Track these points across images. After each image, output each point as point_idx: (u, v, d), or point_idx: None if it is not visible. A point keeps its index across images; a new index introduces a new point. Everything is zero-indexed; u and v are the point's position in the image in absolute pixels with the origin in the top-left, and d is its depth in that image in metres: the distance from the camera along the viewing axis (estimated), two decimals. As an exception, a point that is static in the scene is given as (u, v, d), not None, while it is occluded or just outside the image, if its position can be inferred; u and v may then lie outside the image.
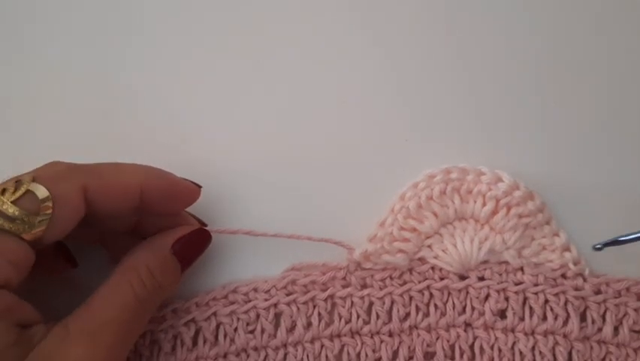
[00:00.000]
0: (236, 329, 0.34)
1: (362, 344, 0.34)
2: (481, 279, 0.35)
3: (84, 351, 0.27)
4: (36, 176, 0.28)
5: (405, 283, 0.35)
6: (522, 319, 0.34)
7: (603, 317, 0.34)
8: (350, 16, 0.38)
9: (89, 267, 0.33)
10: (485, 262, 0.35)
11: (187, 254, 0.33)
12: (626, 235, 0.33)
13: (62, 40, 0.38)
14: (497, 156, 0.36)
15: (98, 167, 0.31)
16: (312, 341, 0.34)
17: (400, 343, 0.34)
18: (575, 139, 0.37)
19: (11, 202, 0.27)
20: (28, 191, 0.28)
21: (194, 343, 0.34)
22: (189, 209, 0.34)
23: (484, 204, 0.34)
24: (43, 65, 0.38)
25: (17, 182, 0.28)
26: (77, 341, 0.28)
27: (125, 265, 0.31)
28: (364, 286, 0.34)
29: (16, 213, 0.27)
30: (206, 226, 0.35)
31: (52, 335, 0.28)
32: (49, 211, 0.28)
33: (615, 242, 0.33)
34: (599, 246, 0.33)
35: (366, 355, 0.34)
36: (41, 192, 0.28)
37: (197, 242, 0.33)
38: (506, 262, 0.35)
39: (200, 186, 0.33)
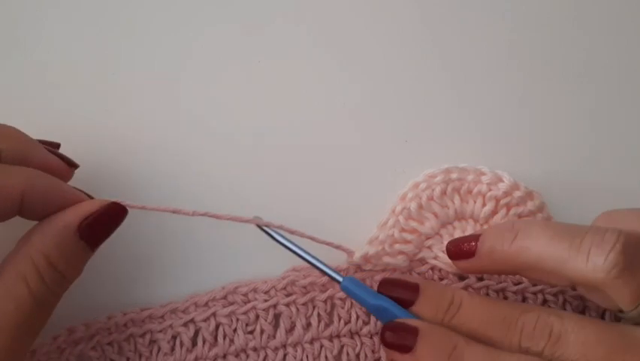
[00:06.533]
0: (235, 330, 0.34)
1: (361, 344, 0.34)
2: (480, 279, 0.35)
3: None
4: None
5: (404, 283, 0.35)
6: (521, 319, 0.34)
7: (602, 317, 0.34)
8: (349, 17, 0.38)
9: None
10: (485, 262, 0.35)
11: (97, 234, 0.27)
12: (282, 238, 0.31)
13: (62, 40, 0.38)
14: (497, 156, 0.36)
15: None
16: (311, 342, 0.34)
17: (399, 343, 0.34)
18: (575, 139, 0.37)
19: None
20: None
21: (194, 343, 0.34)
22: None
23: (483, 205, 0.34)
24: (42, 65, 0.37)
25: None
26: None
27: (17, 256, 0.26)
28: (364, 287, 0.34)
29: None
30: (77, 166, 0.30)
31: None
32: None
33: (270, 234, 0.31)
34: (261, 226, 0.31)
35: (366, 355, 0.34)
36: None
37: (109, 219, 0.28)
38: (505, 263, 0.35)
39: (76, 165, 0.30)
